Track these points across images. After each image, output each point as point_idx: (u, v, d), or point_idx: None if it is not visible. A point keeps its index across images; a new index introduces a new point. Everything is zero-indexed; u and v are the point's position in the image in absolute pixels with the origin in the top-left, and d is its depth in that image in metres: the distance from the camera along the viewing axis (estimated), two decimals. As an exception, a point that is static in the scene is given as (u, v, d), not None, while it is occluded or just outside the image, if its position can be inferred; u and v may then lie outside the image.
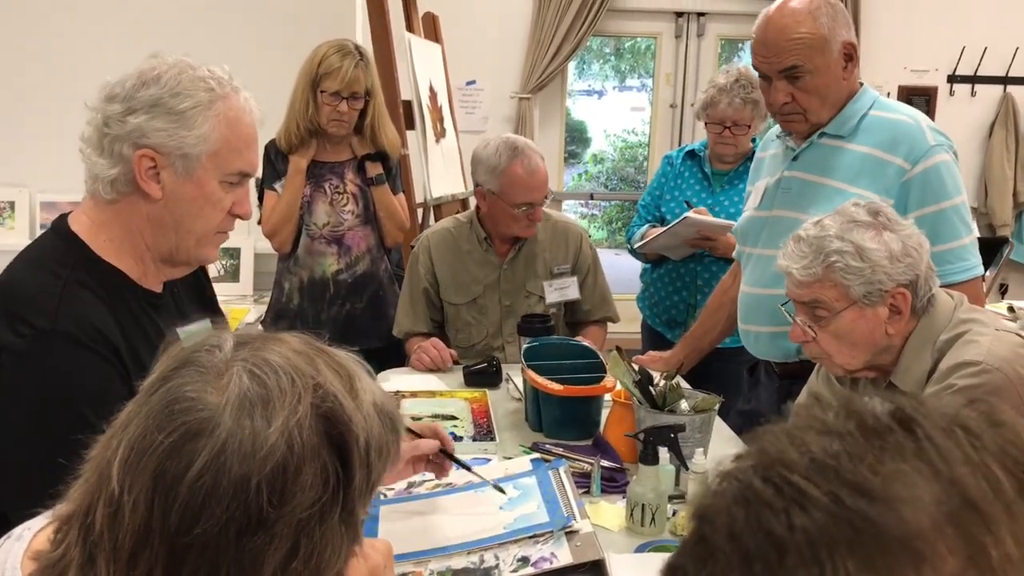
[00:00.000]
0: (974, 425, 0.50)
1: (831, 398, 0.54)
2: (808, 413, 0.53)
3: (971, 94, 5.72)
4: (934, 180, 1.99)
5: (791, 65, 2.01)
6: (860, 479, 0.48)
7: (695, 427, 1.92)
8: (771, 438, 0.53)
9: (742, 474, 0.51)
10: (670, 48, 5.81)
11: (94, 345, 1.32)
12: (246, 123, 1.43)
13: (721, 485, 0.52)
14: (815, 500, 0.47)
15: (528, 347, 2.38)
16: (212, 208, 1.43)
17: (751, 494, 0.49)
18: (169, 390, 0.79)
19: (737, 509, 0.49)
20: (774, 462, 0.50)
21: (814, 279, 1.70)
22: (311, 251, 2.98)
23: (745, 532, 0.48)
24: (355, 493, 0.81)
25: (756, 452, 0.52)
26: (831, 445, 0.50)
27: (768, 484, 0.49)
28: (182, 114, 1.36)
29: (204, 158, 1.38)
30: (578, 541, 1.60)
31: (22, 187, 4.02)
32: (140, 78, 1.37)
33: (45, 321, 1.30)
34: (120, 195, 1.39)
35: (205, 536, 0.74)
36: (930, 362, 1.69)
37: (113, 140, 1.36)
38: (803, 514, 0.47)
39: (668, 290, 3.11)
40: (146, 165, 1.37)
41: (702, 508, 0.52)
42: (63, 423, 1.22)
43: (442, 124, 3.90)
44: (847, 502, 0.47)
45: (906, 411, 0.51)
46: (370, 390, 0.86)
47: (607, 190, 7.40)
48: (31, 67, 3.97)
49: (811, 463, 0.49)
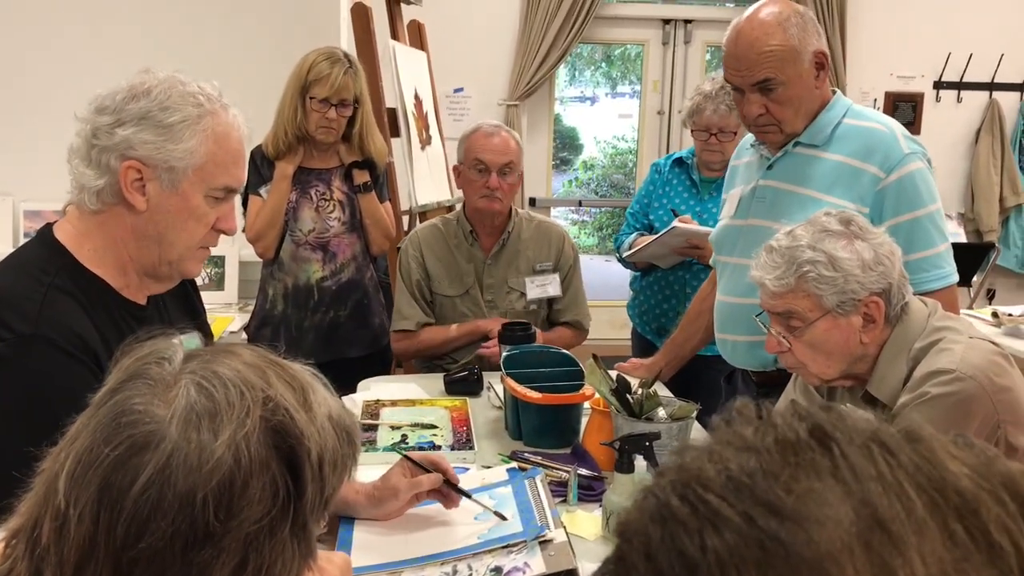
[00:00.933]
0: (891, 442, 0.49)
1: (754, 412, 0.53)
2: (730, 428, 0.52)
3: (957, 100, 5.75)
4: (909, 188, 1.99)
5: (764, 78, 2.01)
6: (773, 498, 0.47)
7: (672, 435, 1.92)
8: (692, 453, 0.52)
9: (661, 491, 0.50)
10: (657, 55, 5.83)
11: (74, 351, 1.32)
12: (234, 139, 1.45)
13: (642, 501, 0.51)
14: (727, 520, 0.47)
15: (508, 355, 2.37)
16: (196, 222, 1.44)
17: (667, 512, 0.49)
18: (117, 403, 0.79)
19: (654, 528, 0.49)
20: (691, 479, 0.50)
21: (787, 289, 1.70)
22: (296, 257, 2.97)
23: (660, 552, 0.48)
24: (307, 507, 0.80)
25: (676, 468, 0.52)
26: (748, 462, 0.49)
27: (684, 502, 0.49)
28: (170, 127, 1.37)
29: (190, 172, 1.40)
30: (552, 550, 1.59)
31: (5, 195, 4.01)
32: (131, 91, 1.39)
33: (26, 326, 1.30)
34: (105, 206, 1.41)
35: (151, 550, 0.73)
36: (905, 370, 1.69)
37: (101, 151, 1.37)
38: (715, 535, 0.47)
39: (657, 298, 3.12)
40: (132, 177, 1.38)
41: (623, 524, 0.51)
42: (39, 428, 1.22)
43: (428, 131, 3.90)
44: (759, 522, 0.46)
45: (824, 427, 0.50)
46: (325, 403, 0.86)
47: (598, 196, 7.41)
48: (15, 76, 3.96)
49: (727, 481, 0.48)
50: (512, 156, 2.74)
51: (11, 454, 1.24)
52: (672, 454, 0.53)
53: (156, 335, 0.86)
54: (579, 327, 2.92)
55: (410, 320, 2.83)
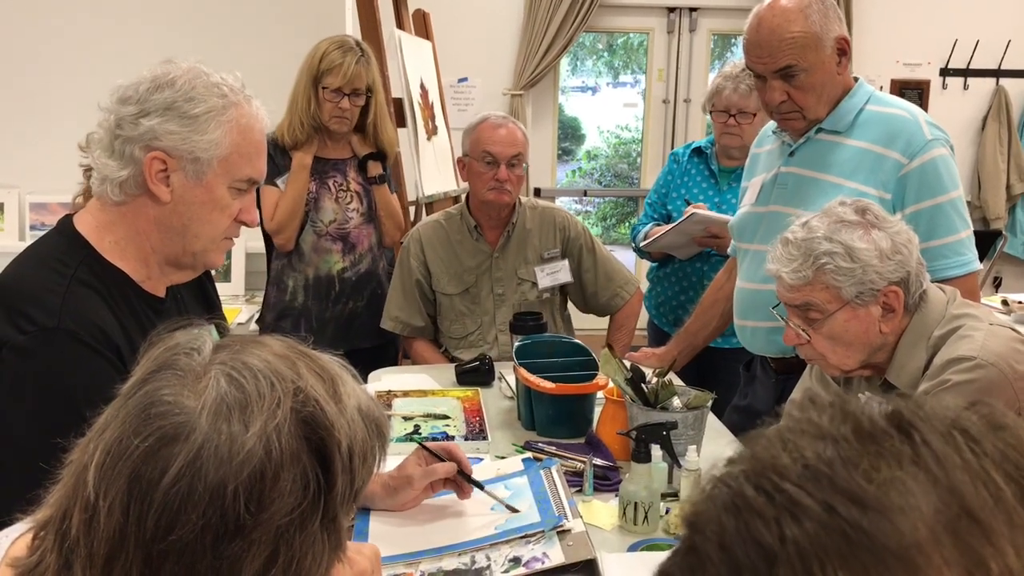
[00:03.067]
0: (974, 429, 0.48)
1: (827, 400, 0.52)
2: (803, 416, 0.51)
3: (963, 87, 5.73)
4: (931, 175, 1.98)
5: (785, 65, 2.00)
6: (854, 487, 0.46)
7: (688, 424, 1.91)
8: (765, 442, 0.51)
9: (733, 480, 0.49)
10: (662, 43, 5.80)
11: (96, 344, 1.32)
12: (257, 130, 1.45)
13: (713, 490, 0.50)
14: (807, 509, 0.46)
15: (520, 345, 2.36)
16: (220, 213, 1.44)
17: (742, 502, 0.48)
18: (147, 393, 0.78)
19: (727, 517, 0.48)
20: (766, 468, 0.48)
21: (804, 282, 1.68)
22: (317, 248, 2.95)
23: (735, 542, 0.47)
24: (337, 499, 0.79)
25: (749, 457, 0.50)
26: (825, 450, 0.48)
27: (759, 492, 0.47)
28: (195, 118, 1.37)
29: (215, 163, 1.39)
30: (570, 540, 1.59)
31: (12, 188, 3.99)
32: (154, 82, 1.38)
33: (48, 318, 1.30)
34: (128, 197, 1.40)
35: (181, 543, 0.72)
36: (924, 358, 1.68)
37: (125, 142, 1.37)
38: (794, 524, 0.45)
39: (674, 289, 3.09)
40: (157, 167, 1.37)
41: (693, 515, 0.50)
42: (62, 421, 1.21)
43: (434, 122, 3.88)
44: (840, 511, 0.45)
45: (904, 415, 0.49)
46: (355, 394, 0.85)
47: (601, 186, 7.38)
48: (22, 68, 3.94)
49: (804, 470, 0.47)
50: (520, 147, 2.72)
51: (34, 446, 1.23)
52: (743, 442, 0.52)
53: (184, 325, 0.85)
54: (626, 299, 2.89)
55: (396, 322, 2.82)
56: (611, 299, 2.88)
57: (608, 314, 2.92)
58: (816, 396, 0.52)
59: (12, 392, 1.28)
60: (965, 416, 0.49)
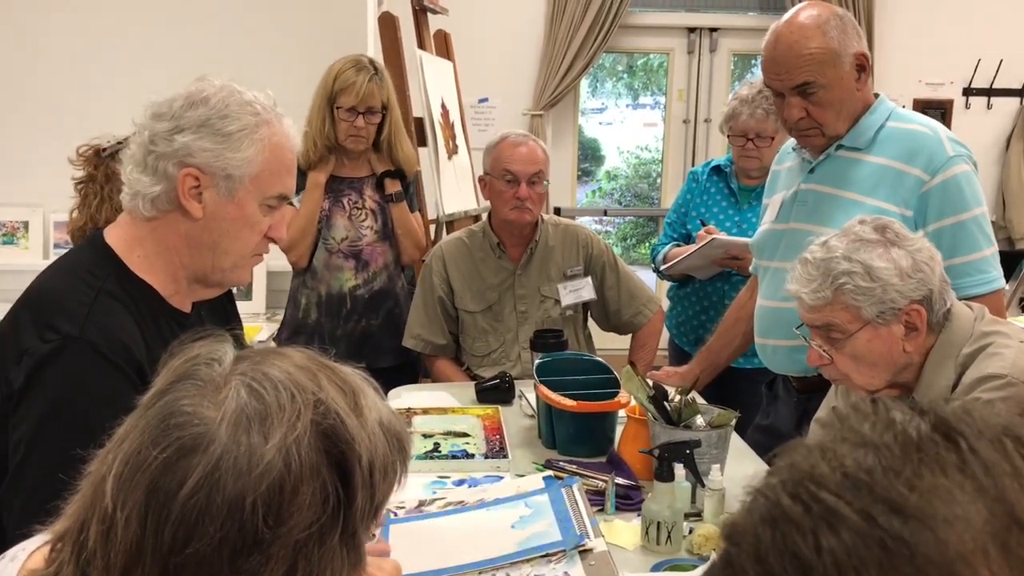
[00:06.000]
0: None
1: (869, 407, 0.50)
2: (844, 424, 0.49)
3: (987, 107, 5.68)
4: (953, 191, 1.96)
5: (803, 82, 1.99)
6: (895, 495, 0.44)
7: (711, 443, 1.88)
8: (803, 451, 0.49)
9: (771, 491, 0.48)
10: (683, 64, 5.80)
11: (116, 359, 1.32)
12: (288, 148, 1.46)
13: (750, 502, 0.48)
14: (845, 519, 0.44)
15: (541, 363, 2.35)
16: (250, 230, 1.45)
17: (779, 513, 0.46)
18: (166, 404, 0.77)
19: (764, 529, 0.46)
20: (804, 477, 0.47)
21: (824, 303, 1.66)
22: (329, 265, 2.96)
23: (771, 554, 0.45)
24: (357, 514, 0.78)
25: (787, 467, 0.48)
26: (865, 459, 0.46)
27: (796, 502, 0.46)
28: (229, 136, 1.38)
29: (247, 180, 1.41)
30: (592, 560, 1.56)
31: (36, 207, 4.03)
32: (188, 99, 1.39)
33: (72, 328, 1.31)
34: (160, 212, 1.41)
35: (198, 556, 0.71)
36: (953, 376, 1.65)
37: (158, 158, 1.38)
38: (832, 534, 0.44)
39: (695, 309, 3.07)
40: (190, 184, 1.39)
41: (730, 527, 0.48)
42: (78, 430, 1.22)
43: (454, 141, 3.89)
44: (880, 521, 0.43)
45: (950, 421, 0.47)
46: (376, 408, 0.84)
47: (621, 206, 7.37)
48: (45, 87, 3.99)
49: (843, 478, 0.46)
50: (541, 165, 2.72)
51: (50, 453, 1.24)
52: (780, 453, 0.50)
53: (204, 336, 0.84)
54: (649, 317, 2.87)
55: (417, 340, 2.81)
56: (633, 317, 2.86)
57: (630, 332, 2.90)
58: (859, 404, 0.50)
59: (29, 399, 1.28)
60: (1017, 422, 0.47)
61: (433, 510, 1.83)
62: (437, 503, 1.86)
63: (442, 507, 1.84)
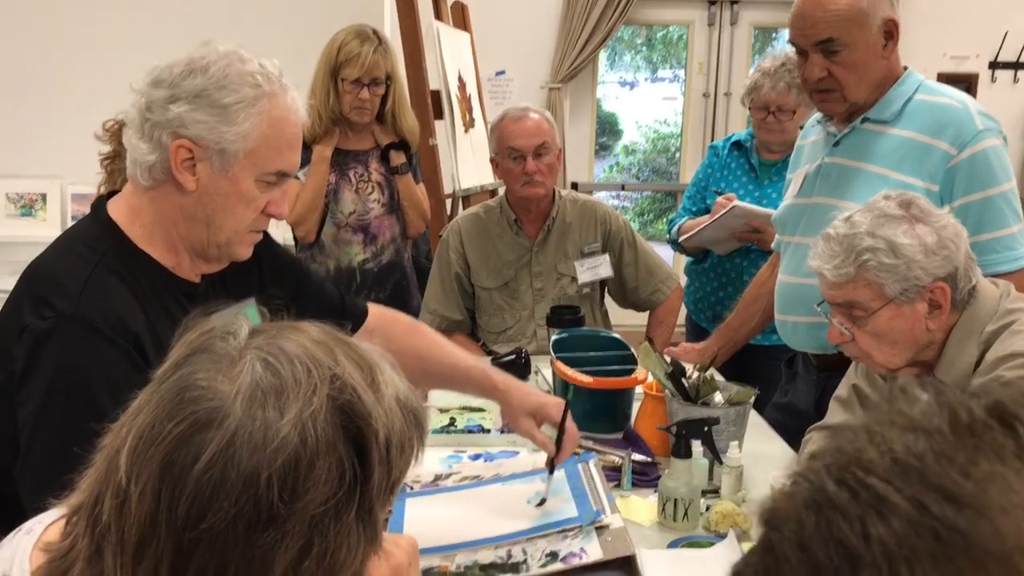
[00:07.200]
0: None
1: (920, 389, 0.48)
2: (893, 406, 0.47)
3: (1014, 80, 5.59)
4: (982, 166, 1.92)
5: (827, 38, 1.95)
6: (948, 483, 0.42)
7: (729, 420, 1.87)
8: (848, 434, 0.47)
9: (814, 475, 0.45)
10: (703, 37, 5.73)
11: (112, 334, 1.30)
12: (290, 123, 1.40)
13: (793, 486, 0.47)
14: (894, 506, 0.42)
15: (557, 339, 2.33)
16: (245, 206, 1.40)
17: (823, 498, 0.44)
18: (181, 378, 0.76)
19: (807, 515, 0.44)
20: (850, 462, 0.45)
21: (847, 280, 1.63)
22: (337, 240, 2.95)
23: (815, 541, 0.43)
24: (373, 491, 0.77)
25: (832, 450, 0.46)
26: (916, 443, 0.44)
27: (842, 487, 0.44)
28: (225, 108, 1.33)
29: (242, 155, 1.36)
30: (608, 536, 1.56)
31: (54, 179, 4.04)
32: (188, 66, 1.34)
33: (67, 305, 1.29)
34: (156, 182, 1.38)
35: (213, 531, 0.70)
36: (976, 354, 1.62)
37: (154, 126, 1.34)
38: (880, 522, 0.42)
39: (713, 285, 3.05)
40: (183, 156, 1.34)
41: (771, 511, 0.47)
42: (75, 409, 1.22)
43: (471, 114, 3.86)
44: (932, 509, 0.41)
45: (1005, 404, 0.45)
46: (393, 384, 0.82)
47: (639, 181, 7.33)
48: (63, 59, 3.99)
49: (892, 464, 0.43)
50: (545, 136, 2.66)
51: (55, 431, 1.24)
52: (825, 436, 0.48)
53: (220, 309, 0.83)
54: (667, 294, 2.85)
55: (433, 316, 2.80)
56: (652, 294, 2.83)
57: (648, 309, 2.88)
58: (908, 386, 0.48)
59: (28, 377, 1.28)
60: None
61: (449, 484, 1.83)
62: (453, 477, 1.86)
63: (458, 481, 1.84)
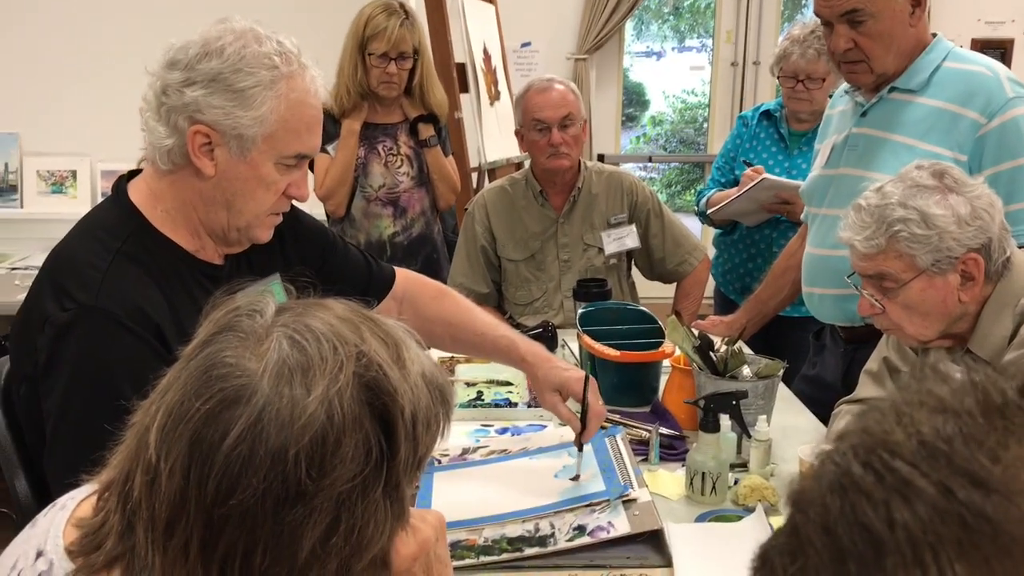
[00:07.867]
0: None
1: (951, 369, 0.47)
2: (922, 386, 0.46)
3: (1050, 46, 5.45)
4: (1012, 134, 1.88)
5: (852, 8, 1.91)
6: (976, 467, 0.41)
7: (758, 394, 1.86)
8: (876, 415, 0.46)
9: (841, 457, 0.45)
10: (731, 4, 5.64)
11: (132, 324, 1.30)
12: (309, 104, 1.38)
13: (819, 468, 0.46)
14: (920, 491, 0.41)
15: (584, 312, 2.33)
16: (265, 190, 1.39)
17: (848, 481, 0.43)
18: (208, 355, 0.77)
19: (832, 498, 0.43)
20: (877, 444, 0.44)
21: (878, 251, 1.61)
22: (367, 213, 2.98)
23: (840, 525, 0.42)
24: (400, 467, 0.77)
25: (859, 431, 0.45)
26: (944, 426, 0.43)
27: (868, 470, 0.43)
28: (241, 92, 1.31)
29: (260, 140, 1.34)
30: (636, 510, 1.56)
31: (83, 156, 4.08)
32: (204, 47, 1.32)
33: (87, 296, 1.29)
34: (175, 166, 1.36)
35: (242, 507, 0.71)
36: (1011, 327, 1.60)
37: (170, 110, 1.33)
38: (905, 507, 0.41)
39: (742, 256, 3.02)
40: (200, 141, 1.33)
41: (797, 493, 0.46)
42: (97, 401, 1.22)
43: (496, 87, 3.84)
44: (959, 494, 0.40)
45: None
46: (419, 360, 0.83)
47: (666, 152, 7.26)
48: (93, 37, 4.00)
49: (919, 447, 0.42)
50: (570, 107, 2.65)
51: (78, 423, 1.25)
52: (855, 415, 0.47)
53: (246, 286, 0.83)
54: (694, 265, 2.82)
55: (460, 288, 2.78)
56: (679, 266, 2.82)
57: (675, 281, 2.86)
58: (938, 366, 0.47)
59: (51, 369, 1.28)
60: None
61: (476, 458, 1.83)
62: (480, 451, 1.87)
63: (485, 455, 1.85)
